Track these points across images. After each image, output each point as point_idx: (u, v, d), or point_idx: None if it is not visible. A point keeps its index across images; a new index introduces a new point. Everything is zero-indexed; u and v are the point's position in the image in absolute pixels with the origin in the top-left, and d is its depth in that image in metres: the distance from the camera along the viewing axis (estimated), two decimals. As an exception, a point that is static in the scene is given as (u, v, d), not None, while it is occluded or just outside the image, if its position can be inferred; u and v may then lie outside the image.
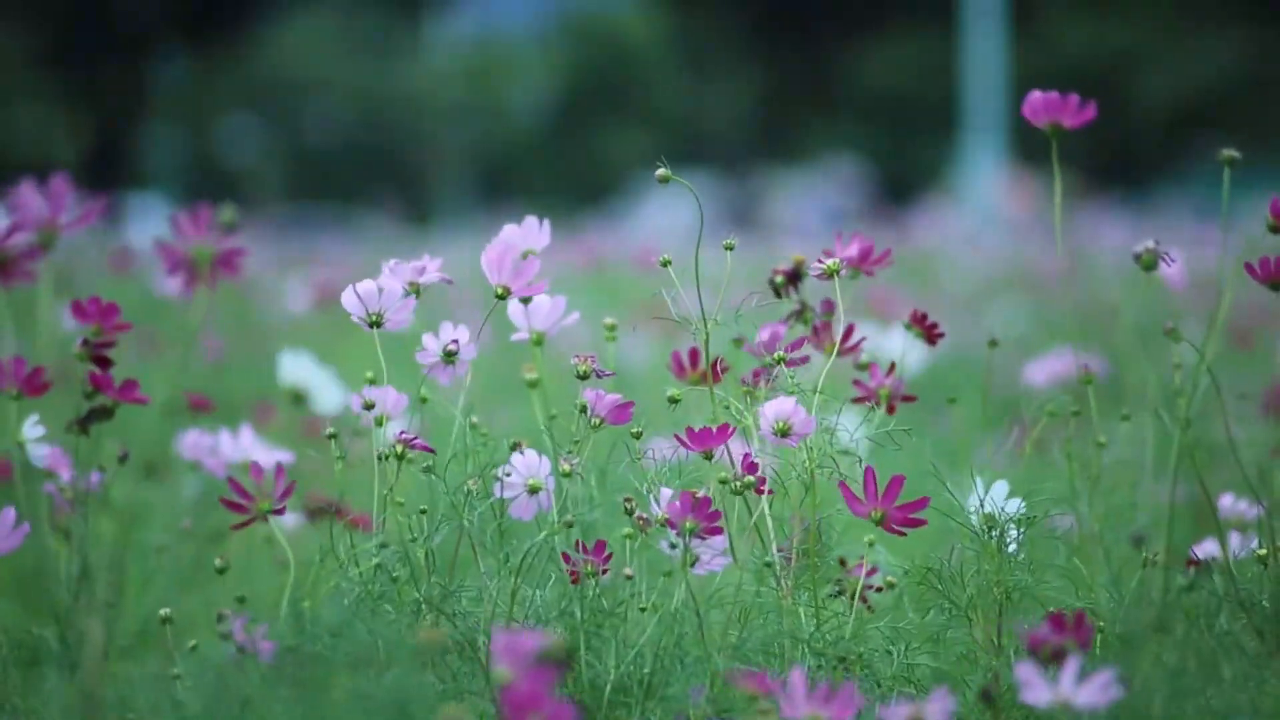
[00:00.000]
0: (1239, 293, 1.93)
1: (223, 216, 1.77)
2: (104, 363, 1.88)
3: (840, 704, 1.58)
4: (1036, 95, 1.99)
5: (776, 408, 1.84)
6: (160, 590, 2.33)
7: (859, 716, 1.78)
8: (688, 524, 1.77)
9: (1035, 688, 1.55)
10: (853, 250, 1.96)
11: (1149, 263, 1.92)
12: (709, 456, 1.82)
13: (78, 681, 1.69)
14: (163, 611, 1.88)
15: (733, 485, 1.80)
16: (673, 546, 1.80)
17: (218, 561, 2.00)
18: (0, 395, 1.89)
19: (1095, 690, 1.54)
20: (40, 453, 1.92)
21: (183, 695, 1.66)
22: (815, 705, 1.58)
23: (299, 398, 2.71)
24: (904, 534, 1.81)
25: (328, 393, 2.73)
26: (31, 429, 1.92)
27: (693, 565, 1.81)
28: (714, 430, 1.81)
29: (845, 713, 1.58)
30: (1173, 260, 1.94)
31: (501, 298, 1.90)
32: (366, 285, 1.88)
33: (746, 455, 1.82)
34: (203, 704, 1.62)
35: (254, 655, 1.74)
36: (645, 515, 1.80)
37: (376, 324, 1.88)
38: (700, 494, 1.77)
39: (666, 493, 1.81)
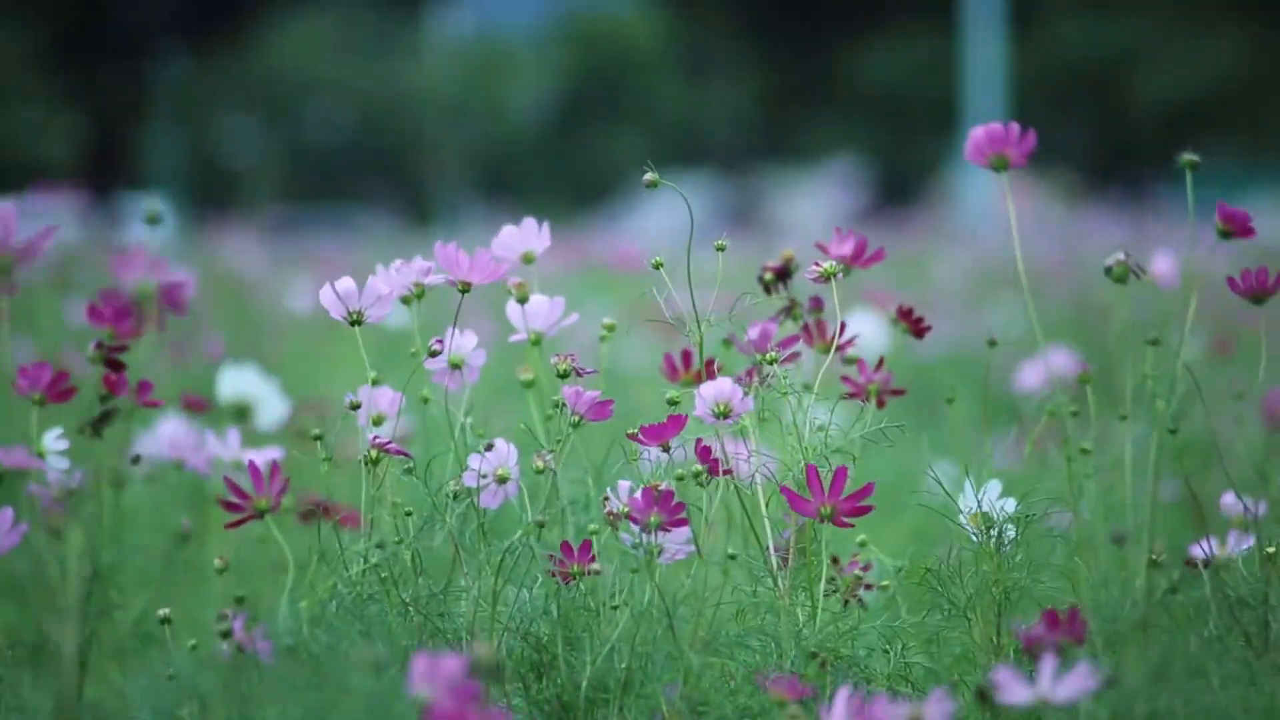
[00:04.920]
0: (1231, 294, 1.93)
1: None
2: (117, 365, 1.89)
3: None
4: (979, 132, 1.93)
5: (715, 389, 1.83)
6: (149, 591, 2.34)
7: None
8: (652, 518, 1.76)
9: (1012, 689, 1.55)
10: (847, 248, 1.97)
11: (1120, 275, 1.91)
12: (666, 449, 1.81)
13: (55, 686, 1.70)
14: (161, 612, 1.88)
15: (683, 474, 1.79)
16: (635, 546, 1.78)
17: (217, 562, 2.00)
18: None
19: (1074, 684, 1.55)
20: (61, 464, 1.92)
21: (178, 695, 1.67)
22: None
23: (242, 411, 2.70)
24: (851, 525, 1.78)
25: (271, 405, 2.72)
26: (54, 441, 1.92)
27: (659, 555, 1.79)
28: (667, 424, 1.81)
29: None
30: (1143, 272, 1.94)
31: (464, 291, 1.91)
32: (345, 283, 1.88)
33: (699, 441, 1.81)
34: (200, 704, 1.63)
35: (252, 655, 1.74)
36: (613, 510, 1.80)
37: (357, 322, 1.88)
38: (662, 487, 1.76)
39: (624, 485, 1.80)
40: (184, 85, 26.80)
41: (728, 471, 1.82)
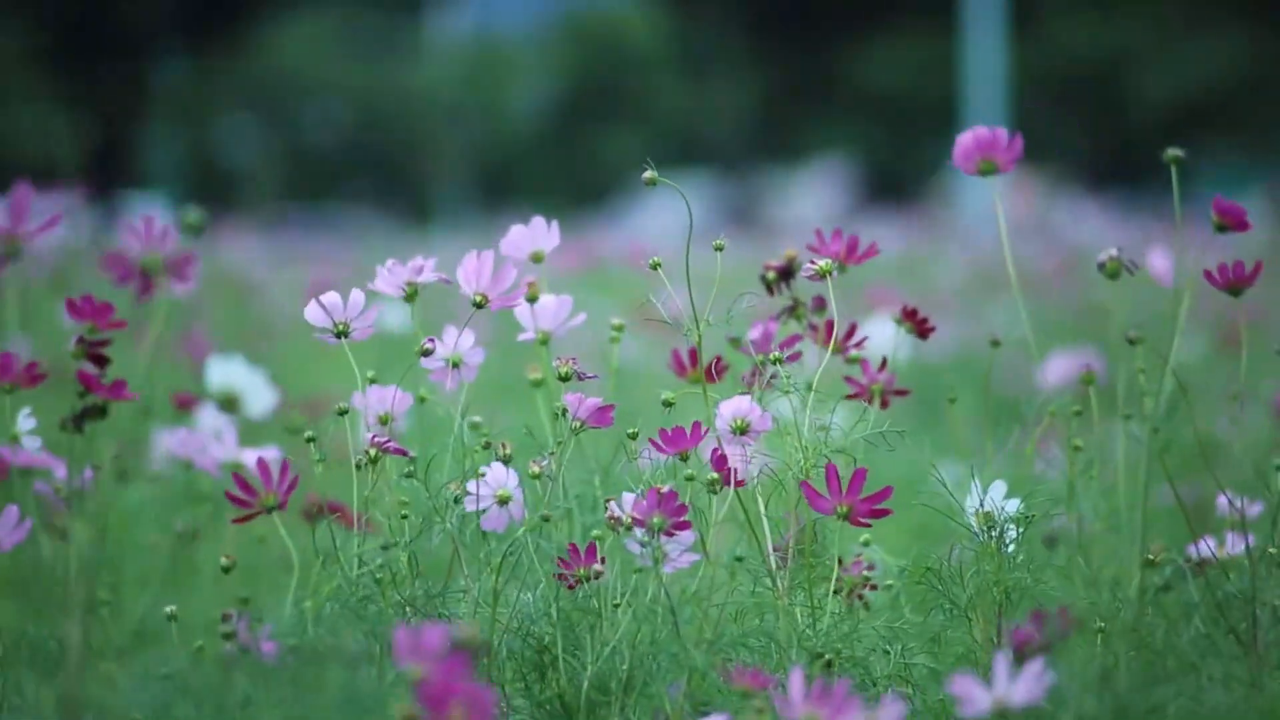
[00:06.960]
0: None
1: (188, 219, 1.74)
2: (100, 360, 1.88)
3: (839, 705, 1.55)
4: (967, 137, 1.89)
5: (733, 406, 1.83)
6: (151, 590, 2.34)
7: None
8: (655, 520, 1.76)
9: (973, 699, 1.53)
10: (838, 245, 1.95)
11: (1113, 271, 1.90)
12: (684, 458, 1.81)
13: (58, 684, 1.69)
14: (167, 609, 1.88)
15: (701, 481, 1.79)
16: (642, 545, 1.78)
17: (223, 560, 2.00)
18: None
19: (1029, 684, 1.53)
20: (33, 445, 1.92)
21: (177, 695, 1.66)
22: (813, 705, 1.54)
23: (230, 401, 2.69)
24: (869, 525, 1.79)
25: (259, 396, 2.71)
26: (24, 421, 1.92)
27: (664, 561, 1.79)
28: (687, 432, 1.81)
29: (845, 714, 1.54)
30: (1137, 268, 1.92)
31: (480, 306, 1.89)
32: (331, 296, 1.86)
33: (715, 450, 1.81)
34: (199, 704, 1.63)
35: (253, 655, 1.74)
36: (616, 515, 1.79)
37: (343, 334, 1.87)
38: (665, 489, 1.76)
39: (629, 497, 1.80)
40: (184, 85, 26.79)
41: (740, 483, 1.81)
